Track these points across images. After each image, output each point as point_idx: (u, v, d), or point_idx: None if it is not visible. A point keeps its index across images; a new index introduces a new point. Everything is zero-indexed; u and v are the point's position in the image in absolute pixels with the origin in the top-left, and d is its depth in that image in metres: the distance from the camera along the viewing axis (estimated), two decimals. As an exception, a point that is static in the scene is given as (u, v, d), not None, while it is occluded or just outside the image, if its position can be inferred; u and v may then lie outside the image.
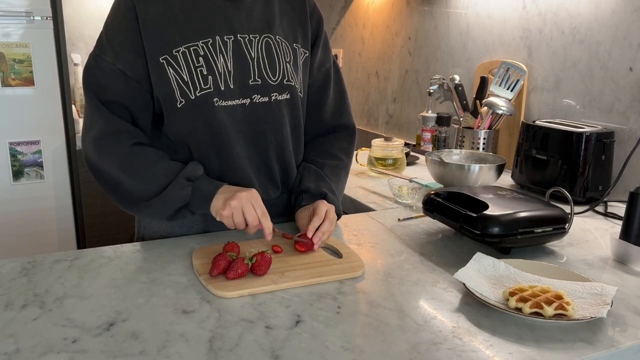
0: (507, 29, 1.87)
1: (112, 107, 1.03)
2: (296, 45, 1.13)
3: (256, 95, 1.07)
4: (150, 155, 1.04)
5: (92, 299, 0.83)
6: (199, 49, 1.02)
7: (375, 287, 0.90)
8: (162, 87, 1.03)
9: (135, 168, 1.02)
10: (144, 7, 1.01)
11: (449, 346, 0.73)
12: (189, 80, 1.02)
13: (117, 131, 1.03)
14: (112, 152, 1.03)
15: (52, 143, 2.40)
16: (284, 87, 1.09)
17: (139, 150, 1.04)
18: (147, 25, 1.01)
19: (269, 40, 1.08)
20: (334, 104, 1.23)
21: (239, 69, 1.05)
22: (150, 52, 1.01)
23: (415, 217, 1.28)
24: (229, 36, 1.04)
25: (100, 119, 1.03)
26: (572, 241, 1.15)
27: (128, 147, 1.03)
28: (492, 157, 1.59)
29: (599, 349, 0.73)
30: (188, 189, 1.01)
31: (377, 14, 2.59)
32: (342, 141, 1.24)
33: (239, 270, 0.89)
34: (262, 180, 1.13)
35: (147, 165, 1.03)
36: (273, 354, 0.69)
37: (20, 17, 2.24)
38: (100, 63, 1.03)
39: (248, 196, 0.99)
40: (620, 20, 1.49)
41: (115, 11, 1.04)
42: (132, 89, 1.03)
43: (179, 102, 1.03)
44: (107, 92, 1.03)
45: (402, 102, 2.48)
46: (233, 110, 1.05)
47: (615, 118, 1.53)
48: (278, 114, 1.10)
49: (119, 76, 1.02)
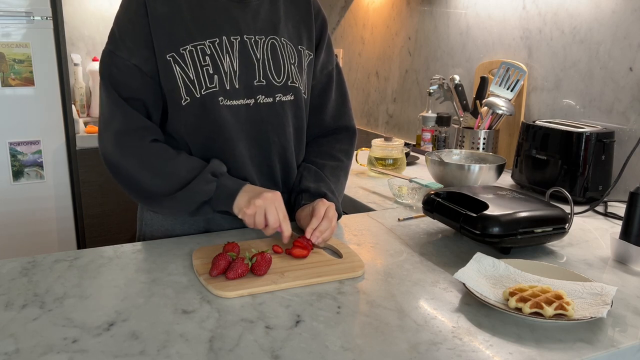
0: (507, 29, 1.87)
1: (130, 102, 1.04)
2: (301, 47, 1.13)
3: (260, 96, 1.07)
4: (169, 151, 1.05)
5: (92, 299, 0.83)
6: (205, 48, 1.02)
7: (375, 287, 0.90)
8: (167, 84, 1.04)
9: (156, 164, 1.03)
10: (154, 4, 1.02)
11: (449, 346, 0.73)
12: (195, 78, 1.02)
13: (137, 127, 1.04)
14: (133, 148, 1.03)
15: (52, 143, 2.40)
16: (288, 88, 1.10)
17: (159, 147, 1.05)
18: (155, 22, 1.02)
19: (274, 42, 1.08)
20: (335, 107, 1.24)
21: (244, 69, 1.05)
22: (158, 49, 1.02)
23: (415, 217, 1.28)
24: (235, 37, 1.05)
25: (120, 115, 1.03)
26: (572, 241, 1.15)
27: (148, 143, 1.04)
28: (492, 157, 1.59)
29: (599, 349, 0.73)
30: (213, 185, 1.02)
31: (377, 14, 2.59)
32: (342, 143, 1.24)
33: (239, 270, 0.89)
34: (263, 179, 1.14)
35: (168, 161, 1.04)
36: (273, 354, 0.69)
37: (20, 17, 2.24)
38: (115, 59, 1.03)
39: (272, 198, 1.00)
40: (620, 20, 1.49)
41: (127, 7, 1.04)
42: (147, 85, 1.04)
43: (184, 100, 1.03)
44: (124, 87, 1.03)
45: (402, 102, 2.48)
46: (237, 110, 1.06)
47: (615, 118, 1.53)
48: (281, 114, 1.10)
49: (135, 72, 1.03)
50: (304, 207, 1.10)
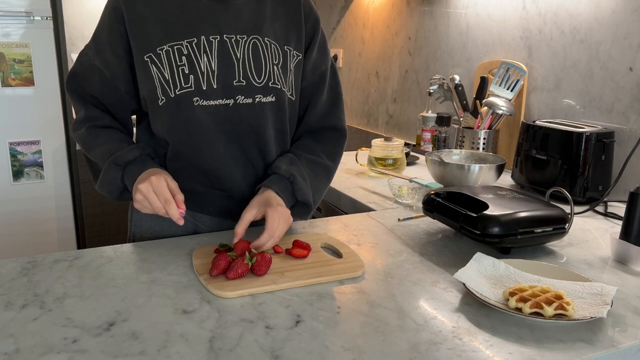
0: (507, 29, 1.87)
1: (89, 98, 1.11)
2: (287, 47, 1.11)
3: (240, 96, 1.06)
4: (99, 138, 1.09)
5: (92, 299, 0.83)
6: (182, 48, 1.02)
7: (375, 287, 0.90)
8: (146, 84, 1.05)
9: (88, 148, 1.10)
10: (132, 6, 1.03)
11: (449, 346, 0.73)
12: (170, 78, 1.03)
13: (89, 117, 1.10)
14: (81, 137, 1.11)
15: (52, 143, 2.40)
16: (269, 89, 1.08)
17: (94, 132, 1.10)
18: (133, 23, 1.03)
19: (256, 42, 1.07)
20: (324, 108, 1.20)
21: (223, 69, 1.04)
22: (137, 50, 1.03)
23: (415, 217, 1.28)
24: (214, 36, 1.04)
25: (82, 108, 1.12)
26: (572, 241, 1.15)
27: (88, 129, 1.09)
28: (492, 157, 1.59)
29: (599, 349, 0.73)
30: (119, 174, 1.04)
31: (377, 14, 2.59)
32: (326, 144, 1.20)
33: (239, 270, 0.89)
34: (249, 179, 1.13)
35: (94, 148, 1.09)
36: (273, 354, 0.69)
37: (20, 17, 2.24)
38: (82, 57, 1.10)
39: (155, 182, 0.98)
40: (620, 20, 1.49)
41: (104, 10, 1.07)
42: (106, 86, 1.09)
43: (160, 100, 1.04)
44: (85, 84, 1.10)
45: (402, 102, 2.48)
46: (215, 110, 1.05)
47: (615, 118, 1.53)
48: (261, 116, 1.09)
49: (95, 71, 1.08)
50: (260, 193, 1.06)
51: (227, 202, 1.15)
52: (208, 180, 1.12)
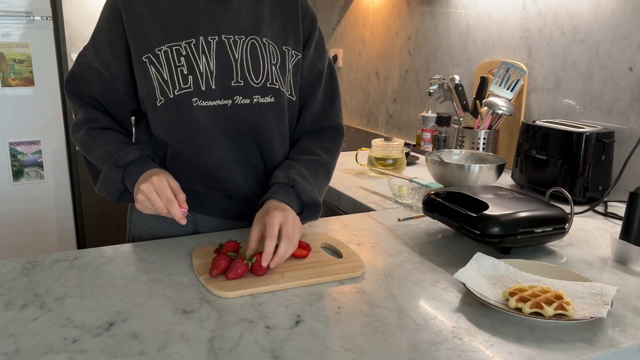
0: (507, 29, 1.87)
1: (87, 99, 1.11)
2: (286, 47, 1.11)
3: (238, 97, 1.06)
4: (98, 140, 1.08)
5: (92, 299, 0.83)
6: (181, 49, 1.02)
7: (375, 287, 0.90)
8: (145, 85, 1.05)
9: (88, 150, 1.09)
10: (130, 7, 1.03)
11: (449, 346, 0.73)
12: (169, 79, 1.02)
13: (87, 119, 1.10)
14: (80, 139, 1.10)
15: (52, 143, 2.40)
16: (267, 90, 1.08)
17: (93, 133, 1.09)
18: (132, 24, 1.03)
19: (254, 42, 1.07)
20: (321, 107, 1.20)
21: (221, 69, 1.04)
22: (135, 51, 1.03)
23: (415, 217, 1.28)
24: (213, 37, 1.04)
25: (81, 109, 1.11)
26: (572, 241, 1.15)
27: (87, 131, 1.09)
28: (492, 157, 1.59)
29: (599, 349, 0.73)
30: (119, 175, 1.03)
31: (377, 14, 2.59)
32: (324, 142, 1.19)
33: (239, 270, 0.89)
34: (250, 180, 1.13)
35: (95, 147, 1.08)
36: (273, 354, 0.69)
37: (20, 17, 2.24)
38: (81, 58, 1.10)
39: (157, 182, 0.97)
40: (620, 20, 1.49)
41: (103, 10, 1.07)
42: (105, 87, 1.08)
43: (158, 101, 1.04)
44: (84, 86, 1.10)
45: (402, 102, 2.48)
46: (214, 110, 1.05)
47: (615, 118, 1.53)
48: (260, 116, 1.08)
49: (94, 73, 1.08)
50: (264, 207, 1.02)
51: (228, 202, 1.15)
52: (208, 181, 1.12)
